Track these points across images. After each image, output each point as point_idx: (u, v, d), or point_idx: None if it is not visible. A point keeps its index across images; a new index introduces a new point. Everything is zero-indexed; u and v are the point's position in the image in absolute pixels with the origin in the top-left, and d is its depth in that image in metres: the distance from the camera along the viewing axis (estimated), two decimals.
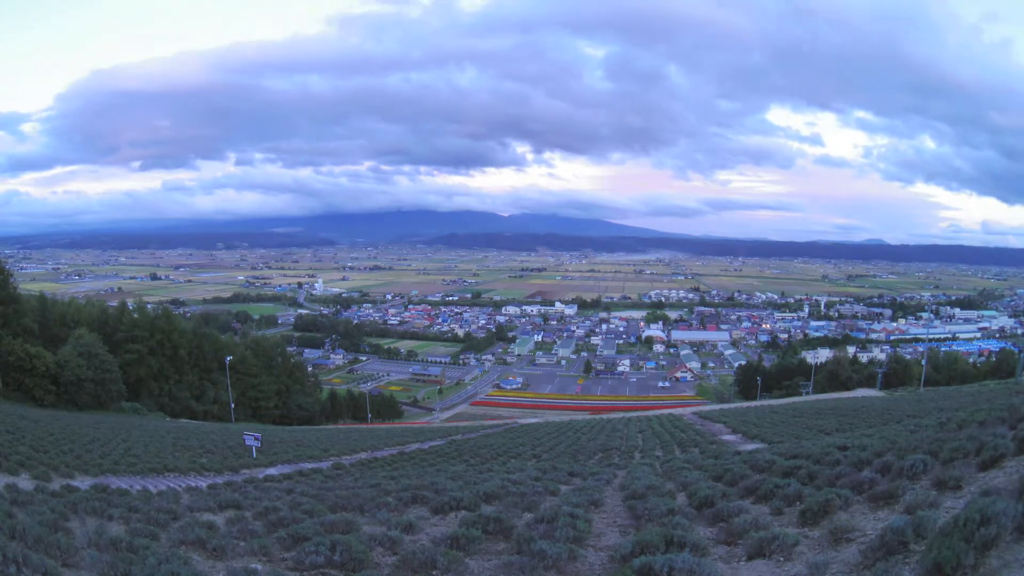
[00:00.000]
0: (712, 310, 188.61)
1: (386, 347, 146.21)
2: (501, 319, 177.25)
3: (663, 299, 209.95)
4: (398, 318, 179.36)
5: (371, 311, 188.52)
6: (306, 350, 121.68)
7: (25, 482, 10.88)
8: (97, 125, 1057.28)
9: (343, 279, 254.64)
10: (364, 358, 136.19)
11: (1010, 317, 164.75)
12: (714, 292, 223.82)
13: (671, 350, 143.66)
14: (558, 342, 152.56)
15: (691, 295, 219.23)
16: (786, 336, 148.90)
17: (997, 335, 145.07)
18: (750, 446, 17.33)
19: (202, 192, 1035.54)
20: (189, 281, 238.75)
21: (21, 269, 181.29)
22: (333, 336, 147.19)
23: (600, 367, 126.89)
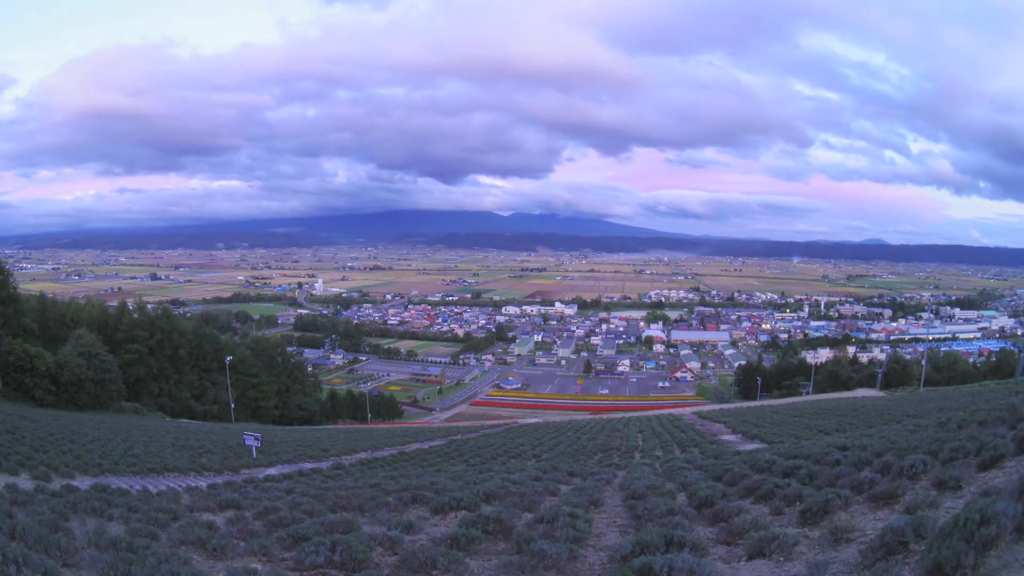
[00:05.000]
0: (712, 310, 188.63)
1: (386, 347, 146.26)
2: (501, 319, 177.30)
3: (663, 299, 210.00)
4: (398, 318, 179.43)
5: (371, 311, 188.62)
6: (306, 350, 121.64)
7: (25, 482, 10.87)
8: (97, 125, 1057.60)
9: (343, 279, 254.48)
10: (364, 358, 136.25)
11: (1010, 317, 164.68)
12: (714, 292, 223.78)
13: (671, 350, 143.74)
14: (558, 342, 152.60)
15: (691, 295, 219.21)
16: (786, 336, 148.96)
17: (997, 335, 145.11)
18: (750, 446, 17.34)
19: (203, 193, 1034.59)
20: (189, 281, 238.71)
21: (21, 269, 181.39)
22: (333, 336, 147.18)
23: (600, 367, 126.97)
